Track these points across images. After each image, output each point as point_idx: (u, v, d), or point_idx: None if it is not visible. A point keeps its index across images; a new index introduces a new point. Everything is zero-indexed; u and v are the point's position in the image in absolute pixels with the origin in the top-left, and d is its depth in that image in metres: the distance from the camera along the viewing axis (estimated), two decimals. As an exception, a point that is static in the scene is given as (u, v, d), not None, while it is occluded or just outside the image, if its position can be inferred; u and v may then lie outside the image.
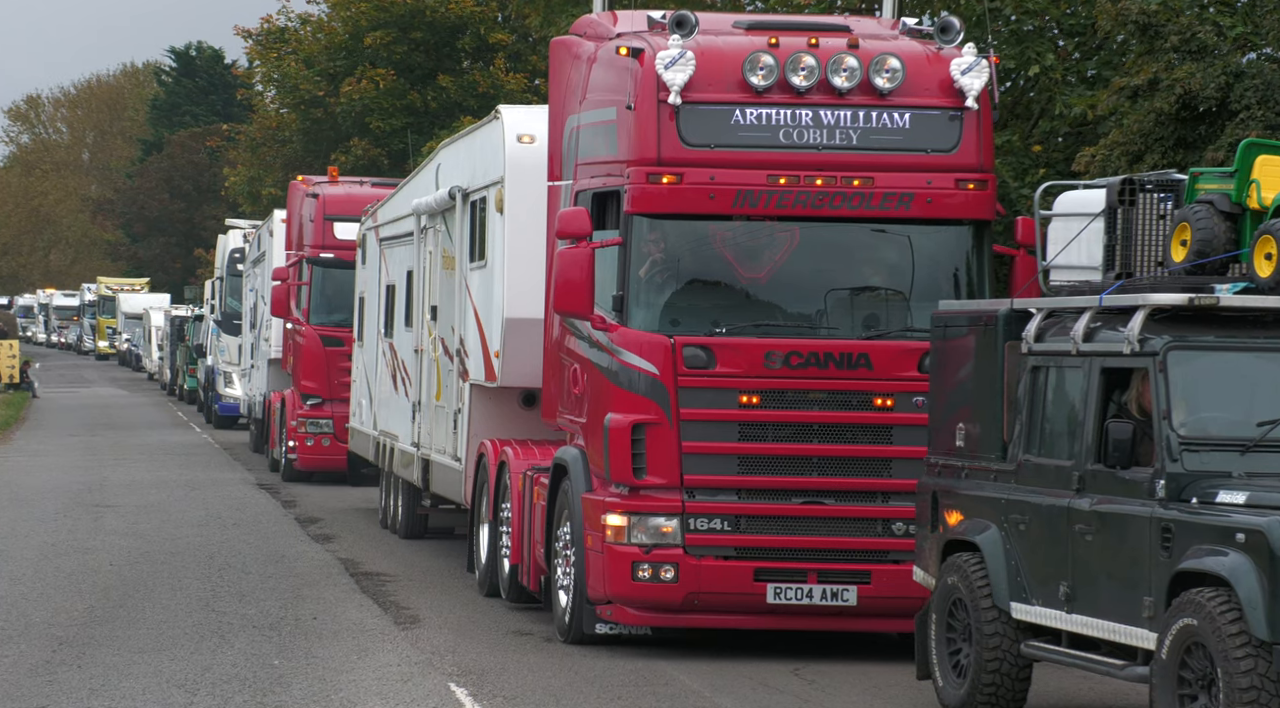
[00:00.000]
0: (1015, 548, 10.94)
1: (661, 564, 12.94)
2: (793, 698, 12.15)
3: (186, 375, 51.76)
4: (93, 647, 13.37)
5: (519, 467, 15.25)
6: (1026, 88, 23.54)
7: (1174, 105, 16.78)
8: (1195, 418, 9.96)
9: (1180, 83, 16.74)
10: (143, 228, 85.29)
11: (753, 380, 12.97)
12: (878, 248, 13.32)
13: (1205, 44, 17.38)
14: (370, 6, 47.08)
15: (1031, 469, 10.90)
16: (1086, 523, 10.33)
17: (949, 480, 11.67)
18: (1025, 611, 10.86)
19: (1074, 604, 10.45)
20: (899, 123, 13.06)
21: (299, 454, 27.46)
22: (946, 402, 11.81)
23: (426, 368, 18.95)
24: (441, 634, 14.37)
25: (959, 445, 11.57)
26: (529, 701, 11.84)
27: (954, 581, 11.31)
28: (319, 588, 16.72)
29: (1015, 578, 10.91)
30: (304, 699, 11.59)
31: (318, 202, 26.98)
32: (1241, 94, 16.53)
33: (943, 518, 11.63)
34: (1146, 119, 17.05)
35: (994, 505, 11.14)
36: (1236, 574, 9.19)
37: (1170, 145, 16.99)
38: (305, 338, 27.28)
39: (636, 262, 13.12)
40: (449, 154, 18.54)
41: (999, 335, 11.19)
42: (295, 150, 50.26)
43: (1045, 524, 10.71)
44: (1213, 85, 16.59)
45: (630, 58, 13.15)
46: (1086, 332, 10.53)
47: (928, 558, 11.84)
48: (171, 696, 11.59)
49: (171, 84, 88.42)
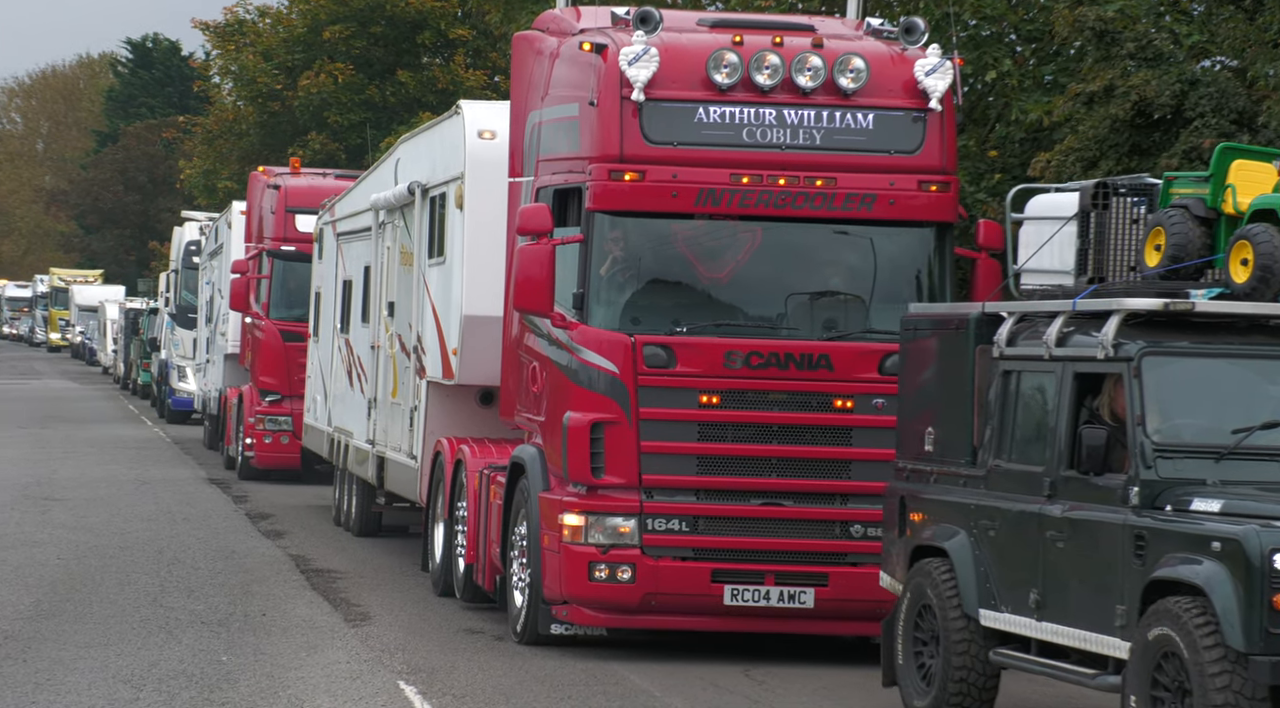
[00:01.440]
0: (984, 554, 10.79)
1: (619, 565, 12.82)
2: (742, 699, 12.07)
3: (140, 369, 51.33)
4: (38, 641, 13.22)
5: (476, 465, 15.09)
6: (984, 93, 23.51)
7: (1129, 112, 16.79)
8: (1169, 424, 9.82)
9: (1136, 90, 16.76)
10: (96, 220, 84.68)
11: (713, 380, 12.85)
12: (840, 249, 13.22)
13: (1161, 52, 17.42)
14: (329, 0, 46.90)
15: (1002, 475, 10.77)
16: (1058, 530, 10.20)
17: (917, 485, 11.53)
18: (994, 618, 10.73)
19: (1044, 612, 10.29)
20: (862, 123, 12.96)
21: (256, 452, 26.99)
22: (916, 405, 11.68)
23: (383, 365, 18.77)
24: (392, 632, 14.24)
25: (928, 450, 11.42)
26: (478, 699, 11.72)
27: (922, 586, 11.17)
28: (269, 584, 16.56)
29: (984, 585, 10.76)
30: (251, 696, 11.48)
31: (279, 193, 26.47)
32: (1196, 102, 16.56)
33: (911, 523, 11.50)
34: (1102, 125, 17.04)
35: (963, 511, 11.00)
36: (1212, 584, 9.05)
37: (1125, 152, 16.99)
38: (265, 333, 26.75)
39: (597, 259, 12.98)
40: (408, 149, 18.36)
41: (970, 339, 11.05)
42: (252, 144, 49.95)
43: (1015, 530, 10.58)
44: (1168, 93, 16.61)
45: (594, 53, 13.01)
46: (1059, 336, 10.40)
47: (895, 563, 11.67)
48: (117, 691, 11.48)
49: (127, 75, 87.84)
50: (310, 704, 11.29)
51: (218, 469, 29.30)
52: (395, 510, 19.80)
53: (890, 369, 12.87)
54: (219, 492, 25.57)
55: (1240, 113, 16.46)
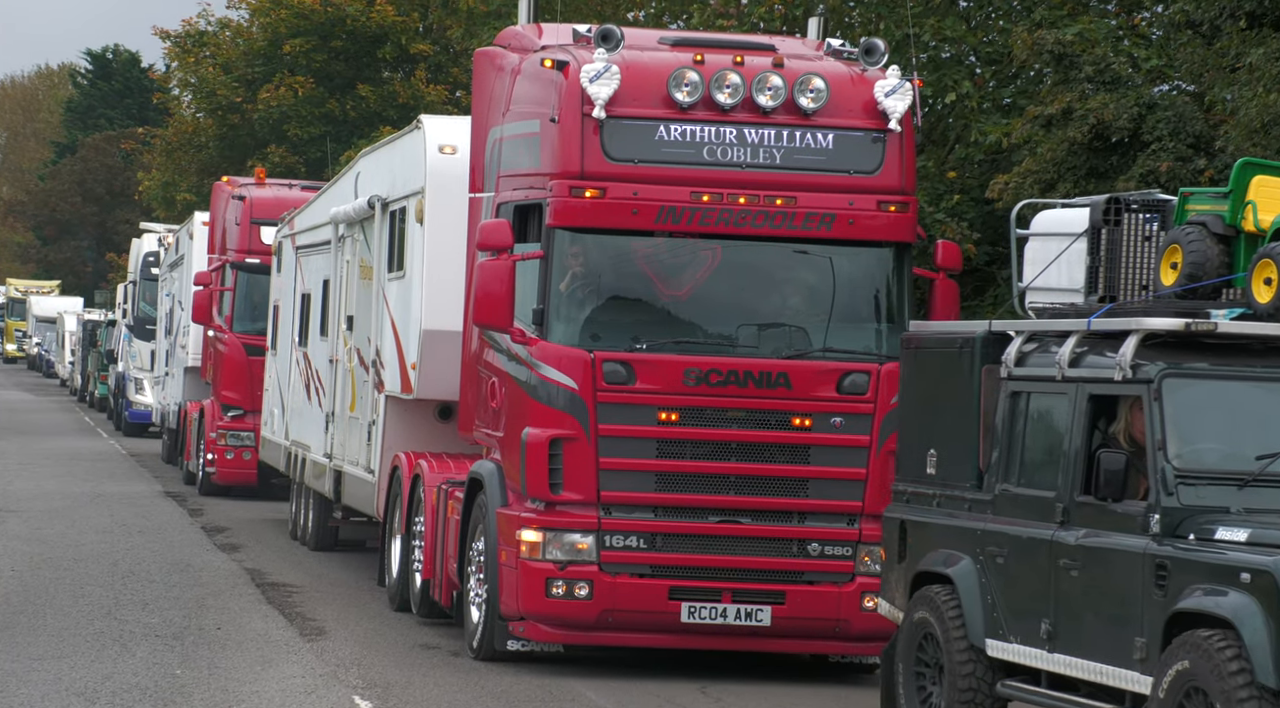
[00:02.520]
0: (991, 582, 10.29)
1: (576, 581, 12.78)
2: (698, 716, 12.06)
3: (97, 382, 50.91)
4: None
5: (433, 480, 15.04)
6: (943, 114, 23.60)
7: (1087, 135, 16.86)
8: (1191, 449, 9.38)
9: (1094, 113, 16.85)
10: (54, 230, 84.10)
11: (672, 397, 12.83)
12: (799, 268, 13.22)
13: (1119, 75, 17.52)
14: (290, 14, 46.70)
15: (1010, 500, 10.28)
16: (1072, 557, 9.72)
17: (919, 509, 11.04)
18: (1001, 648, 10.23)
19: (1056, 643, 9.80)
20: (822, 143, 12.98)
21: (218, 467, 26.31)
22: (916, 426, 11.23)
23: (341, 378, 18.69)
24: (348, 647, 14.16)
25: (930, 473, 10.97)
26: None
27: (924, 615, 10.70)
28: (224, 598, 16.45)
29: (991, 613, 10.27)
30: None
31: (244, 204, 25.93)
32: (1154, 125, 16.65)
33: (911, 548, 11.04)
34: (1060, 148, 17.11)
35: (969, 537, 10.51)
36: (1241, 616, 8.59)
37: (1082, 174, 17.02)
38: (228, 346, 26.09)
39: (557, 275, 12.96)
40: (369, 163, 18.31)
41: (975, 358, 10.61)
42: (211, 156, 49.78)
43: (1026, 558, 10.08)
44: (1125, 116, 16.69)
45: (555, 70, 13.00)
46: (1072, 357, 9.94)
47: (894, 590, 11.21)
48: (71, 704, 11.38)
49: (87, 86, 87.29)
50: None
51: (175, 483, 28.99)
52: (352, 525, 19.69)
53: (849, 388, 12.90)
54: (175, 505, 25.35)
55: (1197, 137, 16.56)
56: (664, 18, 26.34)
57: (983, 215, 21.84)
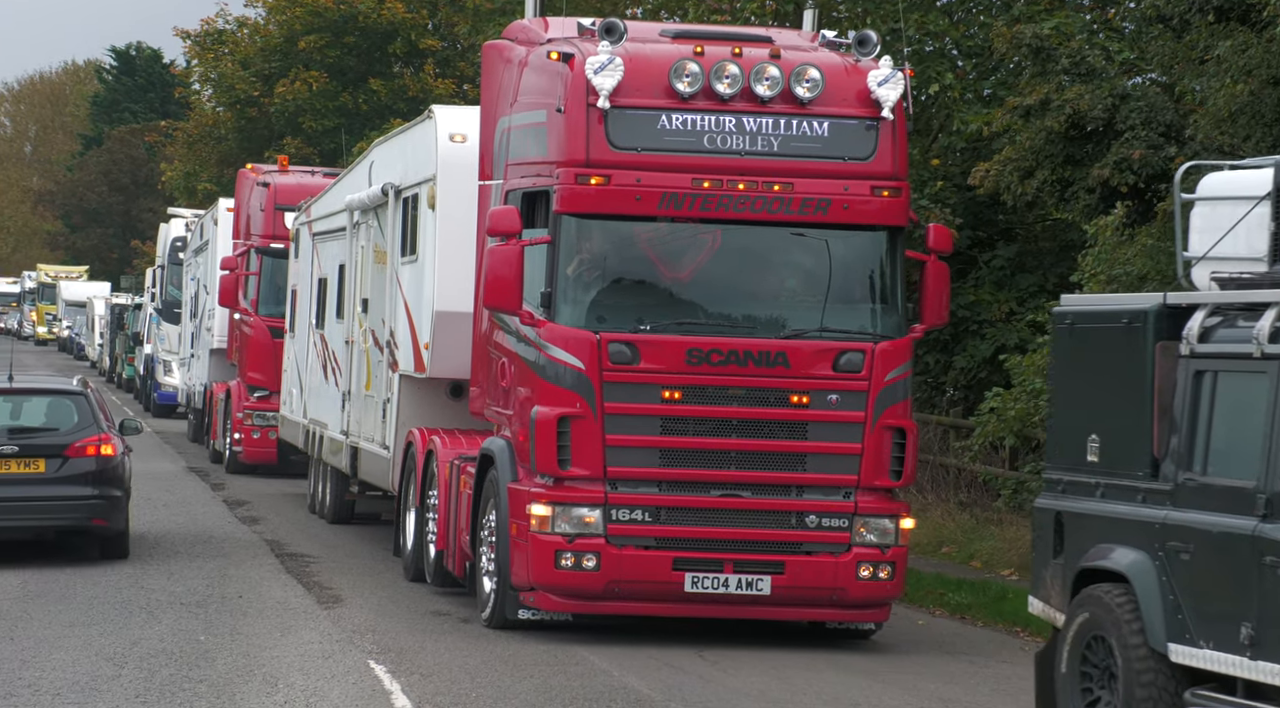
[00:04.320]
0: (1174, 580, 8.97)
1: (584, 553, 12.54)
2: (696, 679, 11.88)
3: (125, 363, 50.57)
4: (25, 621, 13.02)
5: (446, 456, 14.80)
6: (927, 105, 23.36)
7: (1064, 124, 16.64)
8: None
9: (1070, 103, 16.63)
10: (81, 219, 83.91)
11: (675, 376, 12.59)
12: (796, 251, 12.96)
13: (1094, 68, 17.33)
14: (305, 11, 46.75)
15: (1196, 490, 8.94)
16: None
17: (1078, 500, 9.71)
18: (1189, 654, 8.89)
19: (1261, 650, 8.46)
20: (818, 131, 12.72)
21: (245, 447, 25.73)
22: (1073, 410, 9.86)
23: (357, 359, 18.44)
24: (363, 614, 13.99)
25: (1092, 461, 9.62)
26: (445, 678, 11.47)
27: (1093, 615, 9.35)
28: (245, 568, 16.29)
29: (1175, 615, 8.95)
30: (228, 674, 11.28)
31: (268, 191, 25.33)
32: (1127, 115, 16.43)
33: (1070, 543, 9.73)
34: (1038, 137, 16.88)
35: (1144, 530, 9.17)
36: None
37: (1060, 162, 16.84)
38: (253, 329, 25.53)
39: (564, 260, 12.70)
40: (382, 152, 18.04)
41: (1148, 335, 9.23)
42: (230, 147, 49.67)
43: (1220, 554, 8.76)
44: (1100, 106, 16.45)
45: (561, 62, 12.74)
46: (1273, 330, 8.58)
47: (1049, 588, 9.89)
48: (100, 668, 11.28)
49: (112, 82, 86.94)
50: (284, 682, 11.08)
51: (200, 461, 28.67)
52: (368, 498, 19.47)
53: (845, 367, 12.66)
54: (199, 481, 25.16)
55: (1169, 126, 16.35)
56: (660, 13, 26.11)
57: (965, 201, 21.62)
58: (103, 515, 16.02)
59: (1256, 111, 15.28)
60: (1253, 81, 15.19)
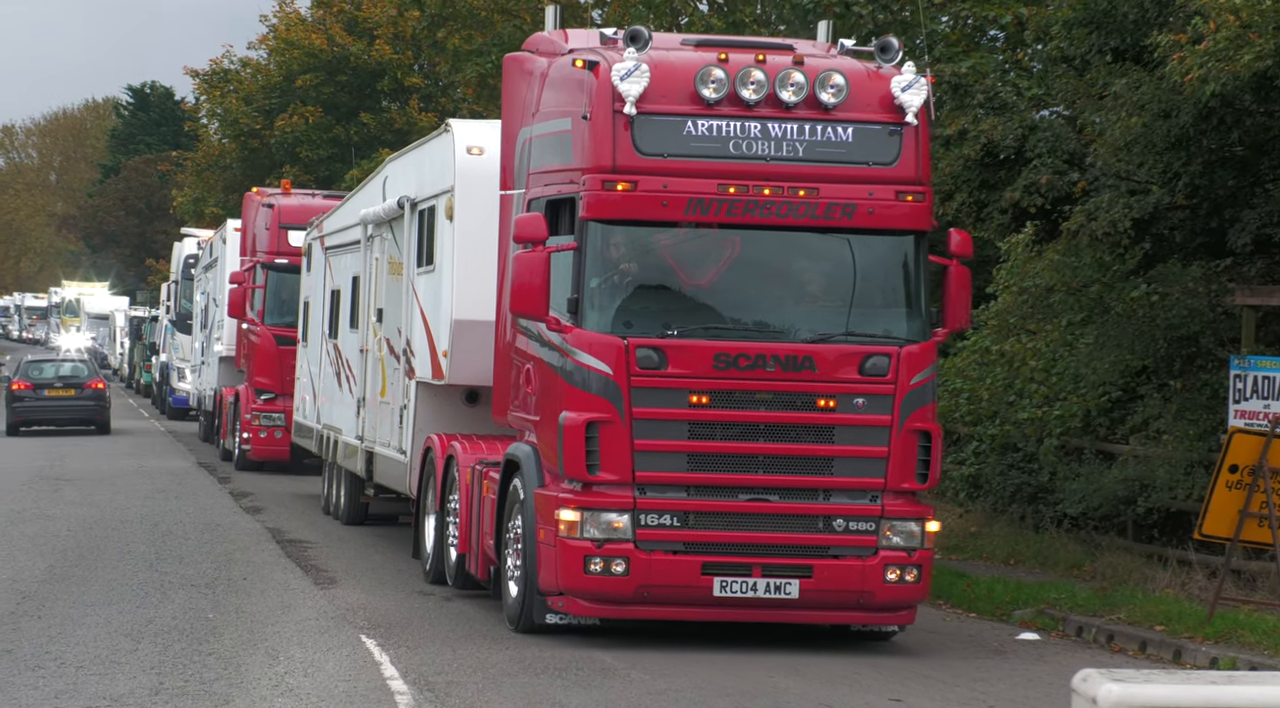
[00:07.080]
0: None
1: (613, 558, 10.92)
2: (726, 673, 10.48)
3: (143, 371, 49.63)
4: (51, 600, 12.66)
5: (467, 460, 13.13)
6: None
7: (979, 152, 16.37)
8: None
9: (985, 134, 16.36)
10: (101, 240, 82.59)
11: (702, 381, 10.97)
12: (822, 255, 11.35)
13: (1006, 102, 16.89)
14: (302, 53, 47.10)
15: None
16: None
17: None
18: None
19: None
20: (842, 136, 11.14)
21: (253, 445, 25.22)
22: None
23: (371, 367, 16.74)
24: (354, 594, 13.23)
25: None
26: (429, 650, 10.84)
27: None
28: (248, 553, 15.76)
29: None
30: (234, 647, 10.83)
31: (273, 211, 24.79)
32: (1035, 144, 16.15)
33: None
34: (956, 163, 16.57)
35: None
36: None
37: (976, 186, 16.55)
38: (260, 337, 25.01)
39: (591, 265, 11.07)
40: (396, 168, 16.36)
41: None
42: (234, 175, 49.45)
43: None
44: (1011, 137, 16.22)
45: (586, 70, 11.11)
46: None
47: None
48: (119, 643, 10.90)
49: (128, 117, 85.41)
50: (284, 654, 10.58)
51: (210, 458, 28.08)
52: (382, 501, 17.94)
53: (871, 370, 11.09)
54: (207, 475, 24.72)
55: (1071, 154, 16.19)
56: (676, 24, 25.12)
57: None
58: (100, 414, 33.92)
59: (1149, 141, 15.03)
60: (1145, 114, 14.88)
